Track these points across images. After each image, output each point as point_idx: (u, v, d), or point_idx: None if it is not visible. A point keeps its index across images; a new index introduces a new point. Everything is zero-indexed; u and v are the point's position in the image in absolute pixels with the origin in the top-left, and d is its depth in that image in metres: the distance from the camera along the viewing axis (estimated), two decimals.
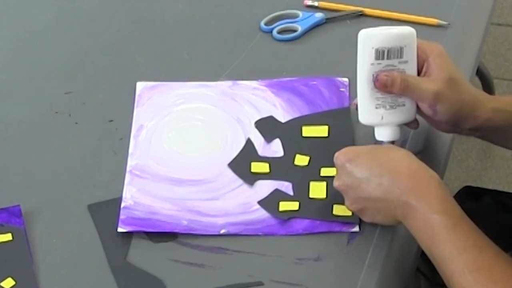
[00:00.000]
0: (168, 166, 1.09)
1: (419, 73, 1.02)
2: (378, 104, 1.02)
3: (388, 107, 1.02)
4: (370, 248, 0.98)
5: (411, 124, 1.04)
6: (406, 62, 1.01)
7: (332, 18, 1.31)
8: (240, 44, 1.27)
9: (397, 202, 0.91)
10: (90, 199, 1.06)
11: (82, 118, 1.18)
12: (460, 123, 1.02)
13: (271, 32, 1.29)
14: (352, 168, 0.95)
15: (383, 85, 1.00)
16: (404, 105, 1.02)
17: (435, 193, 0.90)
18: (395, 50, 1.00)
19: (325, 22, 1.30)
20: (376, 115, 1.02)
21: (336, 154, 0.98)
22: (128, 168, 1.09)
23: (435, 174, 0.92)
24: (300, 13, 1.31)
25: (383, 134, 1.03)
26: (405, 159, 0.94)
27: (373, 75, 1.01)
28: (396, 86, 1.00)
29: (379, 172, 0.93)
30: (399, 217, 0.92)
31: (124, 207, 1.03)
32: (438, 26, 1.27)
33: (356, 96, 1.04)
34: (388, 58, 1.00)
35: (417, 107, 1.02)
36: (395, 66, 1.01)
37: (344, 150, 0.98)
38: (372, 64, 1.01)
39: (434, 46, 1.02)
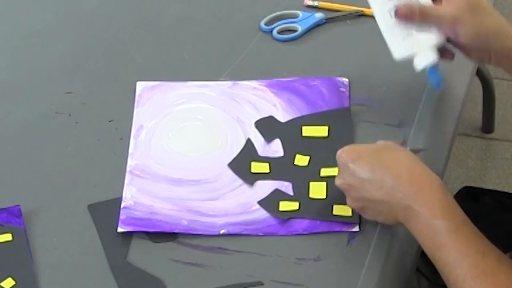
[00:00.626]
0: (168, 166, 1.09)
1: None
2: (404, 36, 1.06)
3: (414, 33, 1.06)
4: (370, 248, 0.98)
5: (446, 54, 1.09)
6: None
7: (332, 18, 1.30)
8: (240, 44, 1.27)
9: (399, 206, 0.91)
10: (90, 199, 1.06)
11: (82, 118, 1.18)
12: (486, 47, 1.05)
13: (271, 32, 1.29)
14: (354, 168, 0.95)
15: (404, 16, 1.05)
16: (429, 27, 1.06)
17: (438, 197, 0.90)
18: None
19: (325, 22, 1.30)
20: (406, 46, 1.07)
21: (339, 152, 0.98)
22: (128, 168, 1.09)
23: (437, 177, 0.92)
24: (300, 13, 1.31)
25: (421, 60, 1.07)
26: (407, 161, 0.94)
27: (389, 12, 1.06)
28: (415, 14, 1.05)
29: (382, 174, 0.93)
30: (401, 220, 0.92)
31: (124, 207, 1.03)
32: None
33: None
34: None
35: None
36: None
37: (346, 148, 0.98)
38: (385, 2, 1.07)
39: None
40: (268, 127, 1.13)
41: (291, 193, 1.04)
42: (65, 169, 1.10)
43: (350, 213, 1.00)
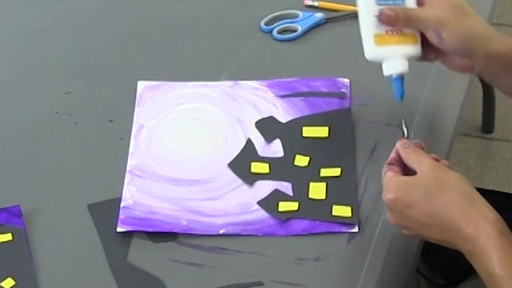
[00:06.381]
0: (168, 166, 1.09)
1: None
2: None
3: None
4: (370, 248, 0.98)
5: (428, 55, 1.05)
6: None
7: (332, 18, 1.31)
8: (240, 44, 1.27)
9: (461, 248, 0.90)
10: (90, 199, 1.06)
11: (82, 118, 1.18)
12: (471, 53, 1.00)
13: (271, 32, 1.29)
14: (409, 213, 0.92)
15: (387, 18, 1.01)
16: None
17: (495, 247, 0.87)
18: None
19: (325, 22, 1.30)
20: (380, 49, 1.02)
21: (389, 197, 0.93)
22: (128, 168, 1.09)
23: (493, 217, 0.90)
24: (300, 13, 1.31)
25: (390, 67, 1.02)
26: (462, 203, 0.91)
27: (374, 16, 1.02)
28: (399, 18, 1.01)
29: (439, 220, 0.90)
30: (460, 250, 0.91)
31: (123, 207, 1.03)
32: None
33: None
34: None
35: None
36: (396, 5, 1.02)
37: (396, 195, 0.93)
38: (371, 7, 1.02)
39: None
40: (268, 127, 1.13)
41: (291, 193, 1.04)
42: (65, 169, 1.11)
43: (349, 214, 1.00)
